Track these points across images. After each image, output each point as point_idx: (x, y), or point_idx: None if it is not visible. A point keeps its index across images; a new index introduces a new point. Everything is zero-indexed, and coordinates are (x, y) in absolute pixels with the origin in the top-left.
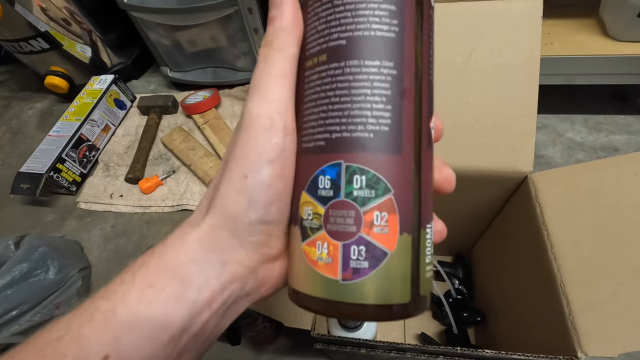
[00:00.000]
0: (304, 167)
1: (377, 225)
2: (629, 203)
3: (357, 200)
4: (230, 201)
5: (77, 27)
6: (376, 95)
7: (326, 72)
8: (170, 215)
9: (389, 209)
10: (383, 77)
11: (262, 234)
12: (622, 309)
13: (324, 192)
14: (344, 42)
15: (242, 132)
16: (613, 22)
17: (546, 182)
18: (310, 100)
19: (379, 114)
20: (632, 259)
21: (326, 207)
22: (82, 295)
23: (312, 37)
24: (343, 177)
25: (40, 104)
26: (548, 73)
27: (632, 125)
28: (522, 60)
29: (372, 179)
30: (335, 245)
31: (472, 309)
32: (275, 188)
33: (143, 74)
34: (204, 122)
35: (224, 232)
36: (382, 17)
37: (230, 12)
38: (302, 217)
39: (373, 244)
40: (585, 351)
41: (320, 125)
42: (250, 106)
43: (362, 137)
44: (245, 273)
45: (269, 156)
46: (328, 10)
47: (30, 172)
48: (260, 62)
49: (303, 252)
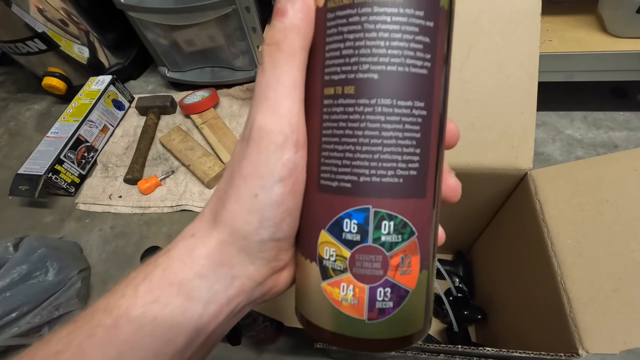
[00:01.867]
0: (324, 206)
1: (402, 268)
2: (629, 199)
3: (384, 246)
4: (240, 220)
5: (74, 28)
6: (407, 139)
7: (354, 107)
8: (169, 215)
9: (412, 251)
10: (414, 119)
11: (273, 250)
12: (623, 305)
13: (349, 235)
14: (375, 76)
15: (252, 146)
16: (612, 19)
17: (546, 179)
18: (332, 134)
19: (408, 158)
20: (632, 255)
21: (352, 251)
22: (82, 297)
23: (335, 60)
24: (371, 223)
25: (39, 105)
26: (547, 70)
27: (631, 122)
28: (522, 57)
29: (399, 224)
30: (361, 288)
31: (472, 307)
32: (286, 205)
33: (141, 75)
34: (202, 122)
35: (234, 249)
36: (417, 51)
37: (228, 11)
38: (322, 257)
39: (398, 285)
40: (587, 348)
41: (346, 166)
42: (260, 119)
43: (392, 182)
44: (254, 285)
45: (281, 174)
46: (357, 34)
47: (28, 174)
48: (267, 66)
49: (324, 291)
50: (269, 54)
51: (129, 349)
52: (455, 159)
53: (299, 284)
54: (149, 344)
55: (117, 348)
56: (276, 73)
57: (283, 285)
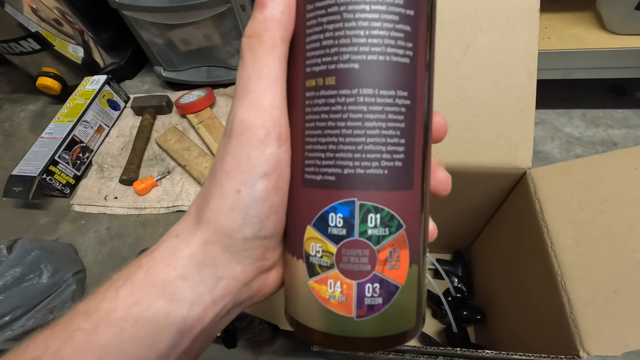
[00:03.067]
0: (309, 200)
1: (390, 262)
2: (630, 198)
3: (371, 239)
4: (223, 217)
5: (68, 28)
6: (390, 129)
7: (335, 98)
8: (165, 216)
9: (401, 244)
10: (397, 108)
11: (258, 249)
12: (624, 306)
13: (335, 230)
14: (356, 65)
15: (233, 141)
16: (610, 15)
17: (545, 178)
18: (315, 127)
19: (393, 148)
20: (633, 255)
21: (338, 246)
22: (77, 299)
23: (316, 52)
24: (357, 216)
25: (33, 106)
26: (545, 67)
27: (630, 120)
28: (520, 54)
29: (386, 217)
30: (349, 284)
31: (471, 307)
32: (270, 202)
33: (137, 74)
34: (198, 121)
35: (218, 248)
36: (398, 40)
37: (224, 10)
38: (308, 253)
39: (387, 280)
40: (588, 350)
41: (330, 159)
42: (241, 114)
43: (377, 174)
44: (240, 286)
45: (264, 169)
46: (336, 24)
47: (22, 175)
48: (247, 58)
49: (311, 289)
50: (249, 47)
51: (109, 353)
52: (453, 158)
53: (286, 283)
54: (130, 348)
55: (97, 353)
56: (257, 66)
57: (272, 286)
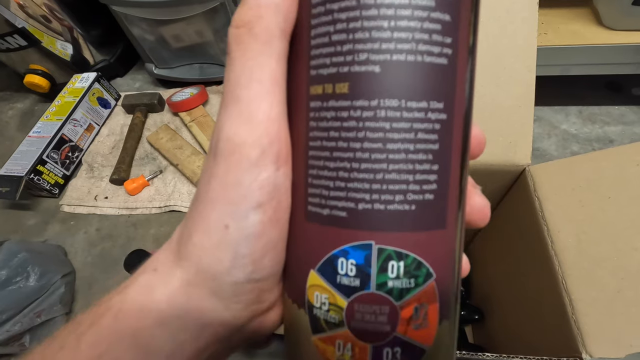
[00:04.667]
0: (313, 239)
1: (416, 321)
2: (631, 195)
3: (392, 293)
4: (208, 257)
5: (57, 24)
6: (420, 152)
7: (348, 111)
8: (157, 216)
9: (430, 298)
10: (430, 125)
11: (252, 293)
12: (627, 307)
13: (346, 279)
14: (376, 68)
15: (220, 163)
16: (607, 11)
17: (545, 175)
18: (322, 147)
19: (423, 177)
20: (636, 254)
21: (350, 299)
22: (66, 302)
23: (323, 49)
24: (374, 264)
25: (21, 104)
26: (542, 64)
27: (626, 116)
28: (519, 49)
29: (412, 265)
30: (362, 347)
31: (470, 307)
32: (267, 237)
33: (128, 72)
34: (191, 119)
35: (202, 292)
36: (433, 34)
37: (216, 5)
38: (312, 304)
39: (411, 343)
40: (590, 352)
41: (340, 189)
42: (228, 128)
43: (401, 210)
44: (230, 333)
45: (257, 198)
46: (351, 12)
47: (9, 175)
48: (235, 55)
49: (316, 347)
50: (237, 40)
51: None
52: None
53: (287, 330)
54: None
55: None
56: (248, 66)
57: (269, 327)
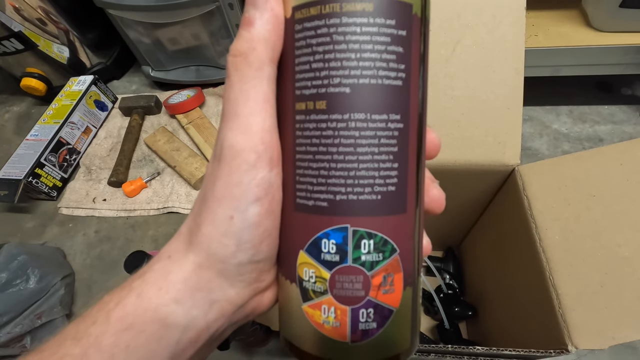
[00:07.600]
0: (301, 225)
1: (384, 287)
2: (615, 194)
3: (364, 265)
4: (216, 244)
5: (53, 27)
6: (383, 154)
7: (326, 123)
8: (156, 218)
9: (395, 269)
10: (390, 132)
11: (253, 272)
12: (610, 300)
13: (328, 256)
14: (347, 90)
15: (223, 166)
16: (595, 13)
17: (533, 175)
18: (306, 152)
19: (386, 173)
20: (619, 250)
21: (332, 272)
22: (65, 304)
23: (305, 74)
24: (350, 242)
25: (18, 107)
26: (533, 65)
27: (616, 115)
28: (507, 51)
29: (379, 243)
30: (343, 309)
31: (463, 304)
32: (264, 226)
33: (124, 74)
34: (188, 121)
35: (211, 273)
36: (390, 62)
37: (212, 9)
38: (301, 278)
39: (381, 305)
40: (576, 344)
41: (321, 184)
42: (230, 138)
43: (370, 199)
44: (234, 309)
45: (256, 194)
46: (326, 46)
47: (7, 178)
48: (233, 79)
49: (305, 314)
50: (235, 67)
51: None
52: (441, 156)
53: (281, 305)
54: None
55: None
56: (245, 88)
57: (266, 305)
